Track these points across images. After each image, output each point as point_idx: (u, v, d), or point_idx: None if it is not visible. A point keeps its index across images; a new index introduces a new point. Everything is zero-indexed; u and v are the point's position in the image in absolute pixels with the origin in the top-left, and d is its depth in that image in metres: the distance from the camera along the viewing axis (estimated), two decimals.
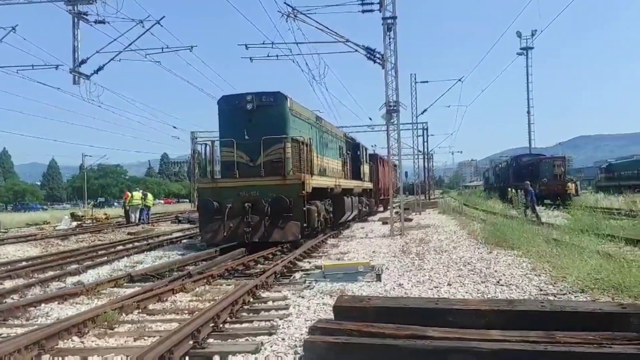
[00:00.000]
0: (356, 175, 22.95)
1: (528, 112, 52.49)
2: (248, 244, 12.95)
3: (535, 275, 8.18)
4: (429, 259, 10.56)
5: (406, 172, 56.13)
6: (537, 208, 22.29)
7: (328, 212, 16.60)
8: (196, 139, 60.06)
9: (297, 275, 9.25)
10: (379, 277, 8.27)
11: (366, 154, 26.06)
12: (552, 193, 32.62)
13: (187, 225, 24.82)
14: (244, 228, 13.19)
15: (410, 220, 22.59)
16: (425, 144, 53.23)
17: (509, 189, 35.82)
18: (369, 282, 8.18)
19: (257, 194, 13.54)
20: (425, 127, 52.75)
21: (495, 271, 8.72)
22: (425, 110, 39.64)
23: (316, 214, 14.59)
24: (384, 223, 20.97)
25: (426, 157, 55.09)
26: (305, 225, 13.69)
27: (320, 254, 12.57)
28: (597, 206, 22.72)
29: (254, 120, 13.73)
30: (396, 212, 18.65)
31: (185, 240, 17.18)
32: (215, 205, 13.56)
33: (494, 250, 11.41)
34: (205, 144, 14.55)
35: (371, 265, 8.69)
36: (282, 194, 13.37)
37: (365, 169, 25.23)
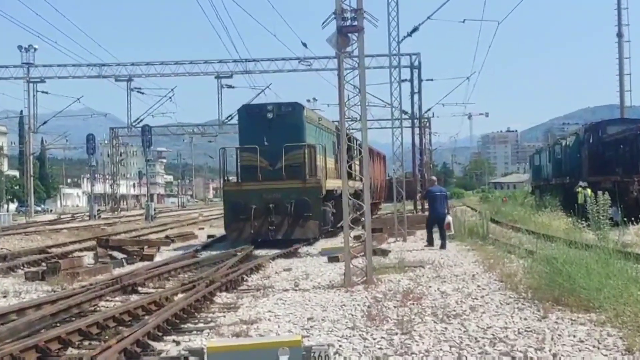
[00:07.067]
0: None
1: (619, 34, 37.08)
2: (267, 242, 19.67)
3: None
4: (422, 332, 8.65)
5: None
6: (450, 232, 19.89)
7: (333, 214, 22.44)
8: None
9: None
10: None
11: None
12: None
13: None
14: (267, 227, 19.89)
15: (386, 253, 17.72)
16: (416, 96, 40.70)
17: (581, 189, 30.28)
18: None
19: (280, 195, 20.13)
20: (416, 62, 41.92)
21: (555, 356, 7.46)
22: (415, 29, 29.14)
23: (330, 214, 21.75)
24: (332, 260, 16.41)
25: (418, 123, 41.68)
26: (321, 224, 20.78)
27: (201, 324, 9.66)
28: None
29: (274, 128, 20.57)
30: (356, 238, 14.71)
31: None
32: (241, 206, 20.23)
33: (551, 314, 9.52)
34: (223, 150, 23.35)
35: (305, 346, 7.02)
36: (302, 195, 20.15)
37: (356, 166, 31.37)
